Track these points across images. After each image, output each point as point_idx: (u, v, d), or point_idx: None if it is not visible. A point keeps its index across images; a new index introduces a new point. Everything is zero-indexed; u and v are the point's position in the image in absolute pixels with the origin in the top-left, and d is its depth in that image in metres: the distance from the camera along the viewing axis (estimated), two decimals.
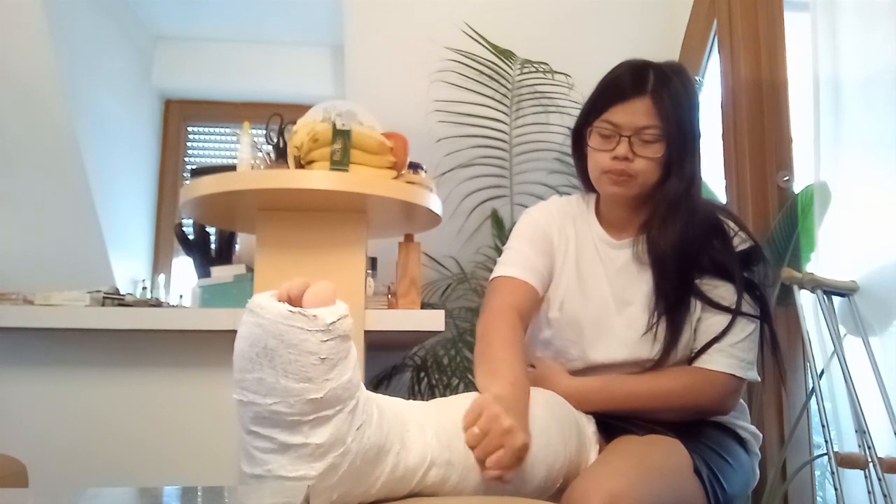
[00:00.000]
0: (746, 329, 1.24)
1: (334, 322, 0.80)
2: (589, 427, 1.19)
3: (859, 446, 1.66)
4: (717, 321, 1.24)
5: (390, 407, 0.93)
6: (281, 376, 0.78)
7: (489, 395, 1.00)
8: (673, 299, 1.24)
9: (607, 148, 1.25)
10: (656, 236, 1.25)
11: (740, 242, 1.29)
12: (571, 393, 1.21)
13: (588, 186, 1.39)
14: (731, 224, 1.30)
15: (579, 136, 1.34)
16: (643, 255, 1.29)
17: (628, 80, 1.25)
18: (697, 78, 2.53)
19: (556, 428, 1.09)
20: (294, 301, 0.81)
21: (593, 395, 1.22)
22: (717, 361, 1.23)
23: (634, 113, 1.23)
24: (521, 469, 0.98)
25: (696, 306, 1.25)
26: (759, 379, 1.29)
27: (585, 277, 1.32)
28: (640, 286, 1.28)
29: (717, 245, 1.27)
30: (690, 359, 1.26)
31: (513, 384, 1.05)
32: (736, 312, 1.23)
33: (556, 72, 2.58)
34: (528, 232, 1.36)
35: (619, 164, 1.24)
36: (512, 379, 1.06)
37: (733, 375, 1.23)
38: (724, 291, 1.25)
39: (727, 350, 1.23)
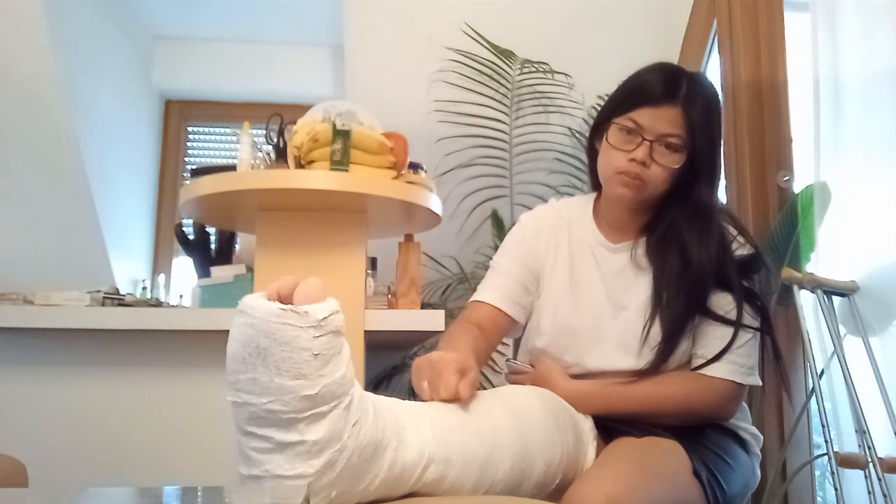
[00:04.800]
0: (746, 335, 1.23)
1: (326, 318, 0.80)
2: (586, 423, 1.19)
3: (859, 446, 1.66)
4: (716, 331, 1.23)
5: (386, 405, 0.93)
6: (275, 374, 0.79)
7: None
8: (680, 314, 1.22)
9: (626, 148, 1.23)
10: (695, 254, 1.22)
11: (738, 247, 1.28)
12: (570, 395, 1.20)
13: (595, 185, 1.38)
14: (731, 229, 1.29)
15: (597, 132, 1.33)
16: (641, 259, 1.28)
17: (660, 85, 1.23)
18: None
19: (552, 423, 1.09)
20: (284, 299, 0.81)
21: (592, 398, 1.22)
22: (718, 368, 1.22)
23: (661, 119, 1.21)
24: (519, 463, 0.99)
25: (696, 316, 1.24)
26: (761, 383, 1.27)
27: (579, 283, 1.32)
28: (636, 291, 1.27)
29: (718, 253, 1.24)
30: (690, 364, 1.25)
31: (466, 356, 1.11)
32: (737, 325, 1.22)
33: (556, 72, 2.58)
34: (514, 249, 1.38)
35: (634, 168, 1.22)
36: (465, 353, 1.12)
37: (734, 382, 1.22)
38: (722, 300, 1.24)
39: (727, 357, 1.22)
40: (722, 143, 1.30)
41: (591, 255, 1.33)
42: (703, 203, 1.25)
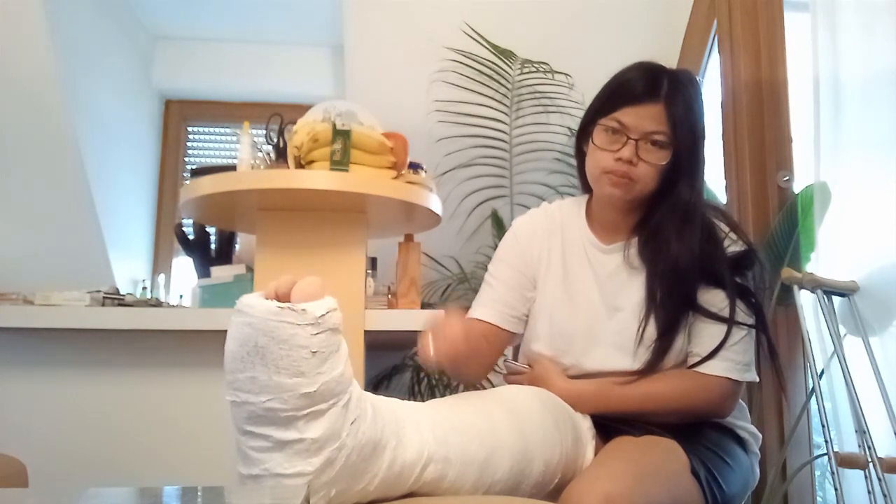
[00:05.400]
0: (740, 332, 1.23)
1: (323, 315, 0.81)
2: (584, 423, 1.20)
3: (859, 446, 1.66)
4: (710, 328, 1.23)
5: (385, 404, 0.93)
6: (273, 373, 0.79)
7: None
8: (673, 311, 1.22)
9: (612, 148, 1.24)
10: (675, 249, 1.23)
11: (731, 244, 1.27)
12: (567, 395, 1.21)
13: (586, 186, 1.38)
14: (723, 226, 1.29)
15: (582, 134, 1.33)
16: (634, 259, 1.28)
17: (642, 83, 1.24)
18: (697, 78, 2.53)
19: (551, 422, 1.09)
20: (282, 298, 0.81)
21: (590, 398, 1.22)
22: (713, 365, 1.22)
23: (645, 117, 1.22)
24: (518, 463, 0.99)
25: (689, 313, 1.24)
26: (758, 379, 1.28)
27: (573, 284, 1.32)
28: (630, 292, 1.27)
29: (708, 250, 1.25)
30: (685, 362, 1.25)
31: None
32: (730, 322, 1.22)
33: (556, 72, 2.58)
34: (507, 255, 1.39)
35: (621, 167, 1.22)
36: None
37: (729, 379, 1.22)
38: (714, 298, 1.24)
39: (722, 354, 1.22)
40: (705, 139, 1.29)
41: (584, 257, 1.33)
42: (684, 199, 1.25)
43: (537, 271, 1.35)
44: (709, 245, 1.25)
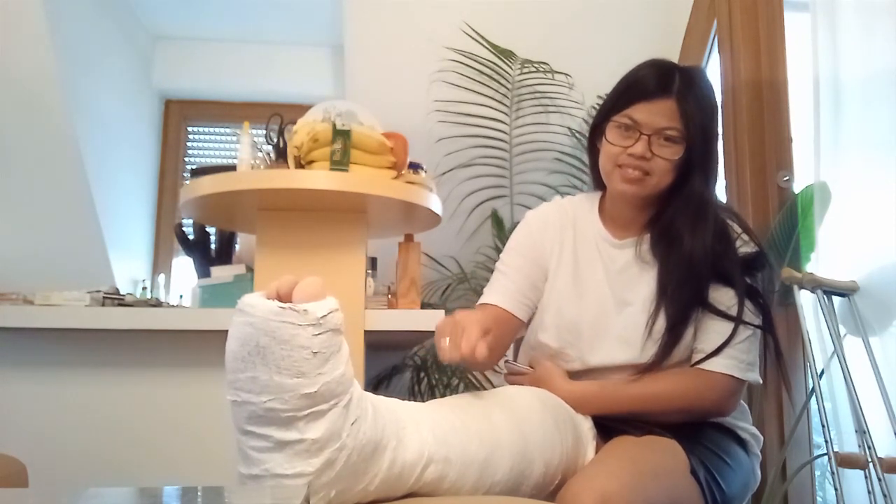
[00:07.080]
0: (746, 331, 1.23)
1: (325, 316, 0.81)
2: (585, 423, 1.19)
3: (859, 446, 1.66)
4: (716, 325, 1.23)
5: (385, 405, 0.93)
6: (274, 373, 0.79)
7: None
8: (683, 305, 1.23)
9: (624, 144, 1.24)
10: (688, 243, 1.24)
11: (742, 245, 1.28)
12: (569, 397, 1.20)
13: (598, 184, 1.38)
14: (736, 227, 1.30)
15: (595, 132, 1.34)
16: (646, 254, 1.29)
17: (653, 80, 1.25)
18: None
19: (552, 424, 1.09)
20: (283, 298, 0.81)
21: (592, 398, 1.22)
22: (716, 362, 1.22)
23: (657, 113, 1.23)
24: (518, 463, 0.99)
25: (698, 308, 1.25)
26: (761, 381, 1.28)
27: (583, 278, 1.32)
28: (640, 287, 1.27)
29: (719, 249, 1.25)
30: (690, 359, 1.26)
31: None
32: (737, 321, 1.22)
33: (556, 72, 2.58)
34: (520, 246, 1.39)
35: (634, 161, 1.24)
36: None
37: (732, 377, 1.22)
38: (723, 296, 1.24)
39: (727, 351, 1.22)
40: (719, 135, 1.31)
41: (595, 252, 1.33)
42: (697, 193, 1.26)
43: (548, 263, 1.36)
44: (721, 244, 1.25)
